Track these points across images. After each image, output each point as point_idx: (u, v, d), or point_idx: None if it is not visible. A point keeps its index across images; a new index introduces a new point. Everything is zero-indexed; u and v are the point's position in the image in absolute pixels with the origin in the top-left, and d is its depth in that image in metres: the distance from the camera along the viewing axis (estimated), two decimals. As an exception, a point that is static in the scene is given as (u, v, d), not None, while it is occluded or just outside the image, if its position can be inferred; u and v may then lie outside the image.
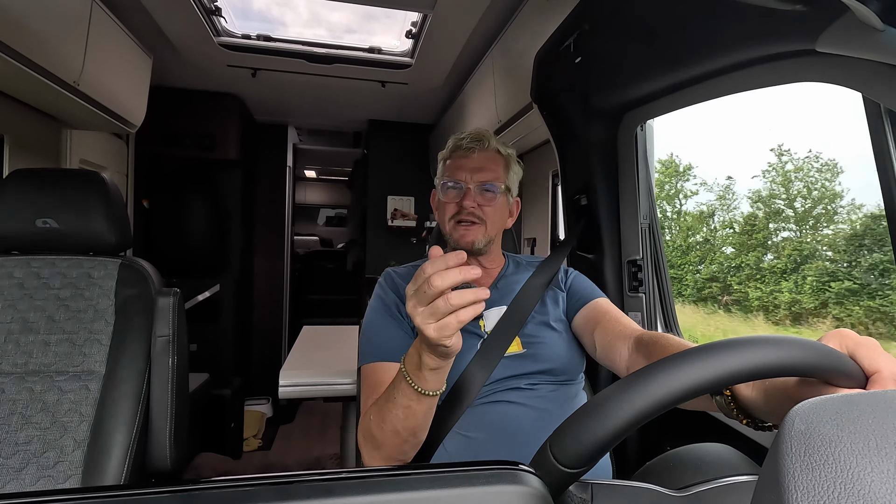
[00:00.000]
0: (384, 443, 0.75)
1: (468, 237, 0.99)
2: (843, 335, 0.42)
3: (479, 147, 1.00)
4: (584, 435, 0.35)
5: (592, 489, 0.38)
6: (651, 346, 0.77)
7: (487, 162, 1.00)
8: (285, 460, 2.74)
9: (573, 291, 1.04)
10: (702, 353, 0.36)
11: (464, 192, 0.98)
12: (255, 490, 0.31)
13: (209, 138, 2.82)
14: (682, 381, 0.35)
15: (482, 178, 0.99)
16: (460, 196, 0.99)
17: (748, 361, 0.35)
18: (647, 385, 0.35)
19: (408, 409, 0.70)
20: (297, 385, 1.51)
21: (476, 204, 0.98)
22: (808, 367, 0.36)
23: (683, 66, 1.01)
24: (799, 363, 0.36)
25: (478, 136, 1.01)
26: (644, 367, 0.37)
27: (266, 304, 3.46)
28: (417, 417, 0.71)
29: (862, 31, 0.65)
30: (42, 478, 1.07)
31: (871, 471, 0.21)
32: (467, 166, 0.99)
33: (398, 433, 0.73)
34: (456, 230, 0.99)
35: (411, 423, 0.72)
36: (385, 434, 0.74)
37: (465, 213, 0.98)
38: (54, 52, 1.43)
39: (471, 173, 0.99)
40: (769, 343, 0.36)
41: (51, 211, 1.20)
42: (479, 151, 1.00)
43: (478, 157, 1.00)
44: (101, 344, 1.18)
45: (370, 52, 2.19)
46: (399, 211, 3.24)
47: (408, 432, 0.73)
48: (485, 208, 0.99)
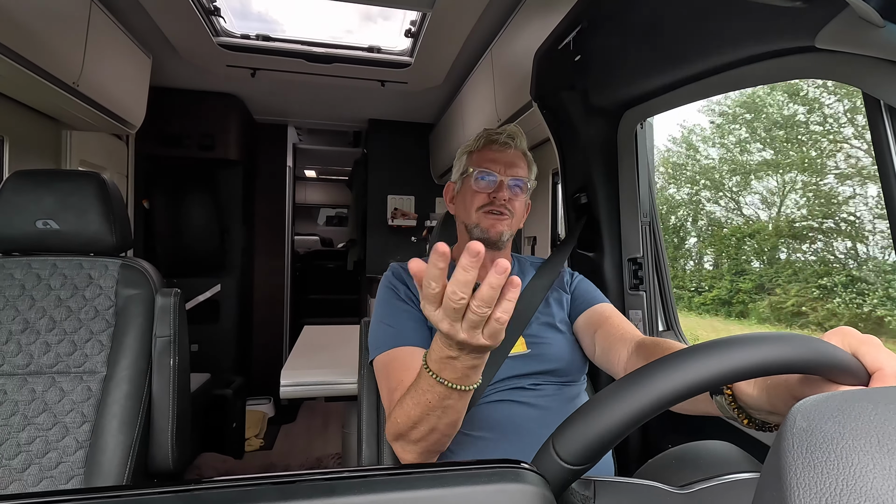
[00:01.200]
0: (422, 439, 0.72)
1: (498, 227, 0.99)
2: (845, 333, 0.42)
3: (513, 144, 1.02)
4: (586, 432, 0.35)
5: (595, 486, 0.38)
6: (652, 349, 0.77)
7: (518, 159, 1.03)
8: (287, 460, 2.74)
9: (578, 294, 1.05)
10: (705, 349, 0.36)
11: (497, 184, 1.00)
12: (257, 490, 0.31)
13: (209, 138, 2.82)
14: (686, 378, 0.35)
15: (515, 173, 1.01)
16: (492, 187, 1.00)
17: (751, 358, 0.35)
18: (649, 382, 0.35)
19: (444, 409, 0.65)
20: (298, 385, 1.51)
21: (507, 197, 1.00)
22: (811, 364, 0.37)
23: (683, 63, 1.01)
24: (802, 360, 0.36)
25: (513, 133, 1.03)
26: (647, 365, 0.37)
27: (267, 304, 3.46)
28: (457, 412, 0.67)
29: (862, 28, 0.65)
30: (44, 478, 1.07)
31: (874, 467, 0.21)
32: (502, 160, 1.01)
33: (435, 428, 0.69)
34: (485, 219, 1.00)
35: (451, 417, 0.68)
36: (421, 432, 0.70)
37: (498, 205, 0.99)
38: (53, 54, 1.43)
39: (505, 167, 1.00)
40: (772, 340, 0.36)
41: (51, 212, 1.20)
42: (514, 148, 1.02)
43: (512, 154, 1.02)
44: (102, 344, 1.18)
45: (369, 51, 2.19)
46: (399, 210, 3.24)
47: (448, 427, 0.70)
48: (514, 202, 1.01)
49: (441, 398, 0.63)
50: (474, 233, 1.01)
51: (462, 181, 1.05)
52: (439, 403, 0.64)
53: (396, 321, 0.93)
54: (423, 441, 0.71)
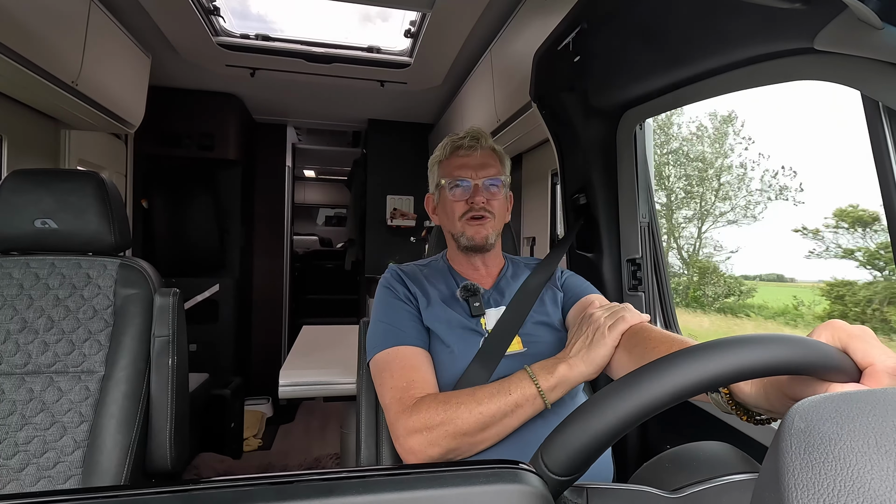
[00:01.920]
0: (487, 439, 0.79)
1: (483, 231, 1.00)
2: (834, 327, 0.40)
3: (479, 145, 1.02)
4: (571, 443, 0.35)
5: (587, 493, 0.38)
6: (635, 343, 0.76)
7: (488, 158, 1.03)
8: (285, 460, 2.74)
9: (567, 288, 1.06)
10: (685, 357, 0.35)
11: (472, 189, 1.00)
12: (255, 490, 0.31)
13: (208, 138, 2.82)
14: (668, 387, 0.35)
15: (487, 173, 1.01)
16: (468, 193, 1.00)
17: (732, 364, 0.35)
18: (633, 391, 0.35)
19: (520, 416, 0.77)
20: (296, 385, 1.51)
21: (485, 199, 1.00)
22: (797, 365, 0.36)
23: (682, 64, 1.01)
24: (786, 362, 0.35)
25: (476, 134, 1.04)
26: (631, 373, 0.37)
27: (265, 304, 3.46)
28: (523, 419, 0.78)
29: (860, 30, 0.65)
30: (42, 478, 1.07)
31: (872, 468, 0.21)
32: (471, 164, 1.01)
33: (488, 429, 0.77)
34: (469, 226, 1.01)
35: (514, 422, 0.78)
36: (492, 433, 0.78)
37: (477, 210, 1.00)
38: (52, 53, 1.43)
39: (476, 170, 1.01)
40: (754, 343, 0.35)
41: (49, 211, 1.20)
42: (480, 149, 1.02)
43: (480, 155, 1.02)
44: (101, 344, 1.18)
45: (369, 51, 2.19)
46: (398, 210, 3.24)
47: (503, 429, 0.78)
48: (492, 202, 1.01)
49: (530, 407, 0.77)
50: (461, 241, 1.03)
51: (439, 192, 1.06)
52: (522, 411, 0.77)
53: (396, 320, 0.93)
54: (483, 443, 0.78)
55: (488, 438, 0.78)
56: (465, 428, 0.76)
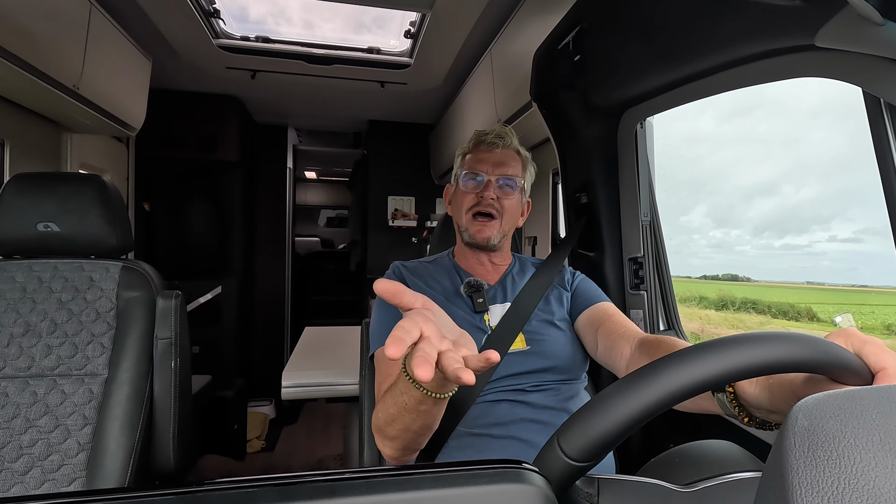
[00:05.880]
0: (397, 437, 0.71)
1: (485, 232, 1.01)
2: (848, 334, 0.42)
3: (501, 143, 1.03)
4: (592, 429, 0.35)
5: (599, 484, 0.38)
6: (655, 347, 0.77)
7: (509, 158, 1.03)
8: (289, 461, 2.74)
9: (579, 293, 1.06)
10: (710, 348, 0.36)
11: (484, 184, 1.01)
12: (259, 491, 0.31)
13: (209, 140, 2.82)
14: (691, 375, 0.35)
15: (503, 171, 1.01)
16: (480, 188, 1.01)
17: (756, 357, 0.35)
18: (655, 379, 0.35)
19: (418, 413, 0.63)
20: (299, 386, 1.52)
21: (495, 196, 1.00)
22: (815, 363, 0.37)
23: (683, 62, 1.01)
24: (806, 359, 0.36)
25: (501, 132, 1.04)
26: (652, 363, 0.37)
27: (268, 306, 3.46)
28: (432, 416, 0.65)
29: (861, 26, 0.65)
30: (46, 481, 1.08)
31: (876, 466, 0.21)
32: (490, 160, 1.02)
33: (408, 429, 0.68)
34: (473, 224, 1.01)
35: (425, 420, 0.66)
36: (395, 430, 0.70)
37: (484, 205, 1.00)
38: (54, 56, 1.44)
39: (492, 167, 1.01)
40: (777, 339, 0.36)
41: (52, 215, 1.20)
42: (502, 148, 1.03)
43: (500, 153, 1.03)
44: (104, 346, 1.18)
45: (369, 52, 2.19)
46: (400, 211, 3.24)
47: (423, 429, 0.69)
48: (503, 201, 1.01)
49: (417, 402, 0.61)
50: (464, 236, 1.04)
51: (456, 183, 1.07)
52: (414, 407, 0.62)
53: (394, 317, 0.93)
54: (398, 439, 0.70)
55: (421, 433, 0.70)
56: (377, 423, 0.72)
